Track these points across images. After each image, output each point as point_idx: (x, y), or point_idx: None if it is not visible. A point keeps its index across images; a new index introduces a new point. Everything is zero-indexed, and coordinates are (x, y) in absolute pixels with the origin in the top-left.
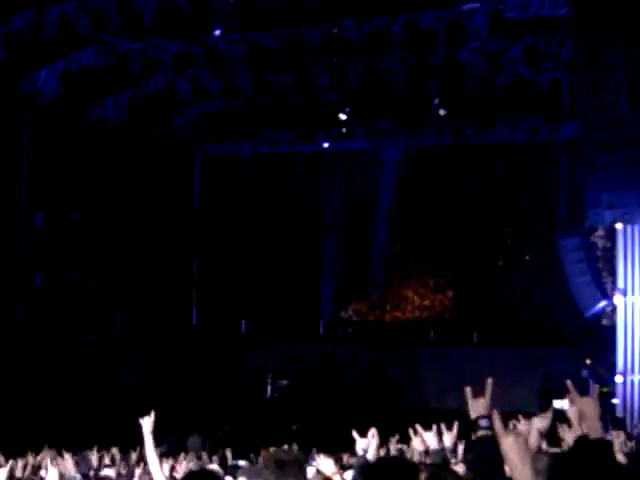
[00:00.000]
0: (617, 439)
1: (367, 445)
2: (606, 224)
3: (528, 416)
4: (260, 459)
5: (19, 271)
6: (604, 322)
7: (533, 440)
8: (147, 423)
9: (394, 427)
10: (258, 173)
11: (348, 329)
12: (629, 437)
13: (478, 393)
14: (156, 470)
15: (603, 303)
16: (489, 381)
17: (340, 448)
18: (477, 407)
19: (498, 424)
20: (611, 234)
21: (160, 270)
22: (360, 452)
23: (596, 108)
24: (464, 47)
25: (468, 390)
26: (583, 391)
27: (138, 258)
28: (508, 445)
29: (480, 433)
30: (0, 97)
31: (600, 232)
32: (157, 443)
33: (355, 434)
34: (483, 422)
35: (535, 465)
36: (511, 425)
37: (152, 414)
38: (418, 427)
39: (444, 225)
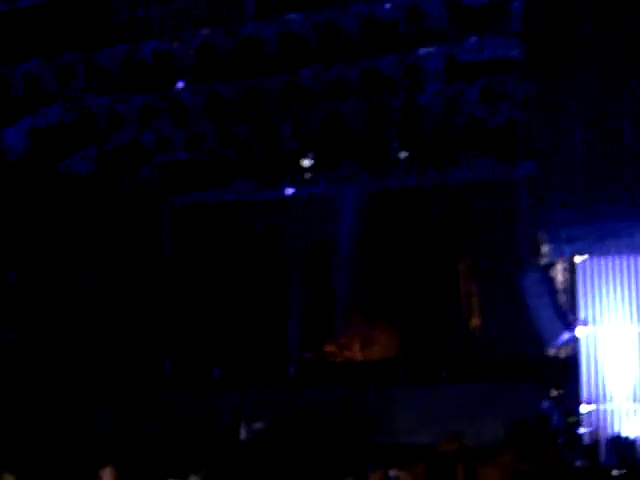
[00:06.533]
0: None
1: None
2: (565, 258)
3: (496, 450)
4: None
5: None
6: (567, 354)
7: None
8: (107, 474)
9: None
10: (224, 221)
11: (318, 370)
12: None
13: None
14: None
15: (566, 335)
16: None
17: None
18: None
19: None
20: (571, 268)
21: (133, 320)
22: None
23: (552, 147)
24: (422, 90)
25: None
26: (546, 423)
27: (110, 310)
28: None
29: None
30: None
31: (560, 266)
32: None
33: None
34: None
35: None
36: None
37: (112, 465)
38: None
39: (405, 264)
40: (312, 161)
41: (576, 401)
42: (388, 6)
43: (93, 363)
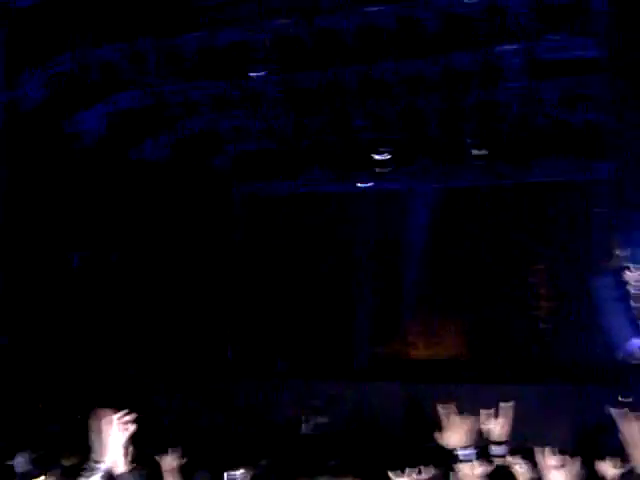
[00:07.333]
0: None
1: None
2: (639, 262)
3: (562, 452)
4: None
5: (58, 309)
6: (638, 360)
7: None
8: (167, 461)
9: (430, 464)
10: (295, 212)
11: (382, 367)
12: None
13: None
14: None
15: (638, 341)
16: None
17: None
18: (455, 438)
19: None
20: None
21: (198, 307)
22: None
23: (631, 149)
24: (500, 88)
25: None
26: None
27: (177, 296)
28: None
29: (461, 465)
30: (43, 137)
31: (633, 270)
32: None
33: (391, 474)
34: (463, 452)
35: None
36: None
37: (174, 452)
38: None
39: (476, 264)
40: (386, 156)
41: None
42: (468, 1)
43: (156, 349)
